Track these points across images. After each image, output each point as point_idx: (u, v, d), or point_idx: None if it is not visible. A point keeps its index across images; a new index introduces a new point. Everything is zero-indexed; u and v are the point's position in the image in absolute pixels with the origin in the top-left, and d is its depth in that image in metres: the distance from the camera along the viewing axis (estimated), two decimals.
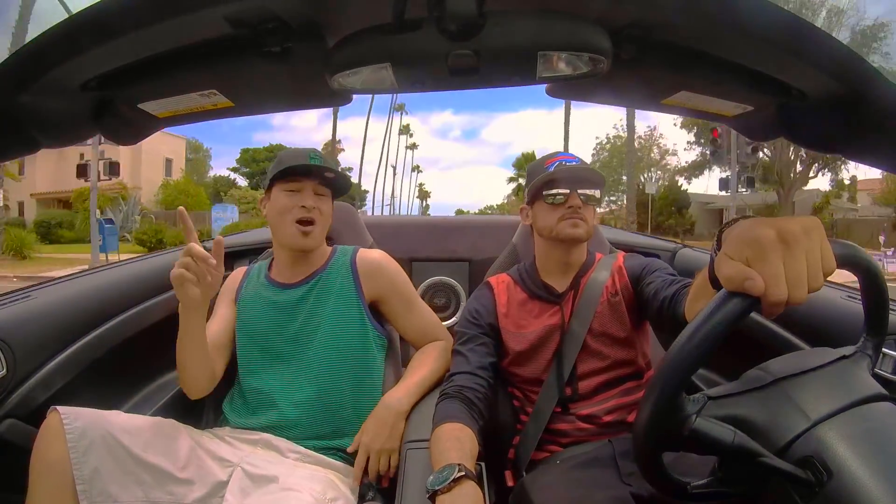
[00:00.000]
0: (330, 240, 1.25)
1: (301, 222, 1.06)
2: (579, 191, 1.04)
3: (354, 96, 0.69)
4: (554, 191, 1.05)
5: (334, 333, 1.08)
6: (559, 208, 1.05)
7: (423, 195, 61.00)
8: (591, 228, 1.07)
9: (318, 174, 1.09)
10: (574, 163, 1.07)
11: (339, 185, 1.14)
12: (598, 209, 1.12)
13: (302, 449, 0.99)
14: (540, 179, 1.06)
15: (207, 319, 1.09)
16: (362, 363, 1.09)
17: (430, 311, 1.22)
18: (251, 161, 32.47)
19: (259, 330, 1.09)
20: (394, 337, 1.22)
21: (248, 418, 1.02)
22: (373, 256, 1.18)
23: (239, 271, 1.23)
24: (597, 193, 1.07)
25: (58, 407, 0.80)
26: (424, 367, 1.10)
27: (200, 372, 1.00)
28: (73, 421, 0.79)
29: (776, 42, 0.53)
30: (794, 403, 0.51)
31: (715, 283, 0.55)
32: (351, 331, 1.09)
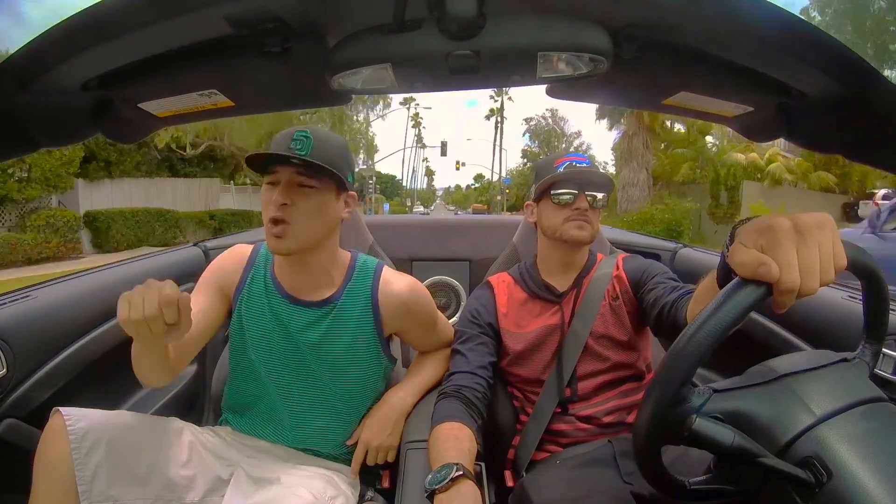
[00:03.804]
0: None
1: (272, 221, 0.88)
2: (587, 193, 1.04)
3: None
4: (562, 191, 1.04)
5: (344, 369, 0.99)
6: (566, 209, 1.04)
7: (430, 173, 73.08)
8: (596, 231, 1.06)
9: (296, 163, 0.86)
10: (584, 164, 1.06)
11: (320, 174, 0.89)
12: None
13: (304, 454, 0.99)
14: (549, 178, 1.05)
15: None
16: (370, 392, 1.04)
17: (446, 324, 1.15)
18: None
19: (261, 350, 0.98)
20: (399, 354, 1.18)
21: (250, 428, 1.01)
22: (398, 291, 1.01)
23: (240, 252, 1.04)
24: (604, 196, 1.06)
25: (61, 408, 0.79)
26: (429, 368, 1.09)
27: (156, 376, 0.87)
28: (75, 422, 0.79)
29: (776, 42, 0.53)
30: (800, 399, 0.51)
31: (723, 285, 0.55)
32: (362, 366, 1.01)
